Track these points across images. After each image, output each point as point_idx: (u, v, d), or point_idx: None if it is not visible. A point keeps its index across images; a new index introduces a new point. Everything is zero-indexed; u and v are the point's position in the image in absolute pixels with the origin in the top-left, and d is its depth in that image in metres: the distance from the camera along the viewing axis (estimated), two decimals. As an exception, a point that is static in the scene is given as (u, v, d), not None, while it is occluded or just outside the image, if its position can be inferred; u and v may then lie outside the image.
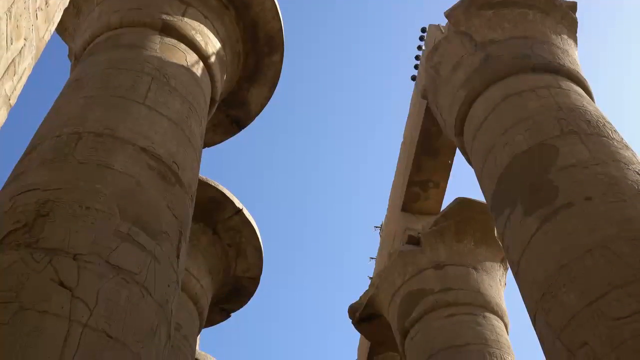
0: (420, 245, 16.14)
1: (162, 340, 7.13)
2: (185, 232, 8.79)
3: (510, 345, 14.36)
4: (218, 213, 14.80)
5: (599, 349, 7.45)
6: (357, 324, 18.06)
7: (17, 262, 6.55)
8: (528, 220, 9.51)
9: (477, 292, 15.02)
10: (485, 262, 15.85)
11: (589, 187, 9.17)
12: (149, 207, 8.04)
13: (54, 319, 6.11)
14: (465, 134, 12.60)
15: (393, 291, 16.14)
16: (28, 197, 7.51)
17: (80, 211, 7.34)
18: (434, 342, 14.27)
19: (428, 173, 17.51)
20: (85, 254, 6.88)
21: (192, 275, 13.90)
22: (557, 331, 8.20)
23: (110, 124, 8.86)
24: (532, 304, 9.04)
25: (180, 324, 12.86)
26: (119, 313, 6.62)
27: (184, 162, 9.36)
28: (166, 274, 7.68)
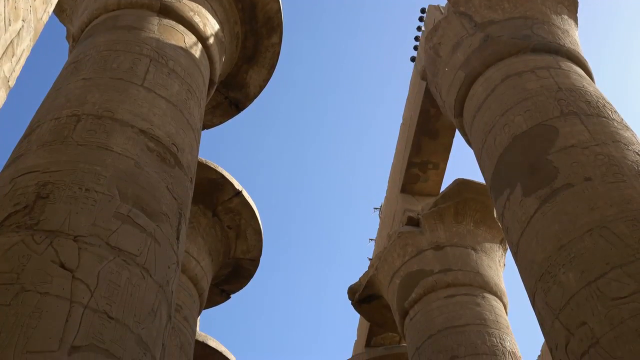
0: (420, 227, 16.18)
1: (162, 321, 7.17)
2: (185, 213, 8.80)
3: (509, 326, 14.45)
4: (218, 195, 14.80)
5: (598, 328, 7.49)
6: (357, 304, 18.15)
7: (18, 244, 6.57)
8: (527, 201, 9.52)
9: (476, 272, 15.09)
10: (484, 243, 15.90)
11: (589, 167, 9.17)
12: (149, 189, 8.04)
13: (55, 300, 6.15)
14: (465, 114, 12.58)
15: (392, 272, 16.20)
16: (28, 180, 7.52)
17: (80, 193, 7.35)
18: (434, 323, 14.35)
19: (427, 154, 17.53)
20: (86, 235, 6.90)
21: (192, 257, 13.93)
22: (556, 311, 8.24)
23: (109, 105, 8.84)
24: (531, 284, 9.07)
25: (180, 305, 12.92)
26: (119, 294, 6.65)
27: (183, 143, 9.35)
28: (166, 255, 7.70)
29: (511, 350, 13.62)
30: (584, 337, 7.63)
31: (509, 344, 13.73)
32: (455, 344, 13.66)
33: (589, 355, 7.47)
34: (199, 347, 15.29)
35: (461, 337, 13.75)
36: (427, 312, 14.72)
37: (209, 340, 16.03)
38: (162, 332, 7.09)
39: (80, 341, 5.97)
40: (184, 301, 13.13)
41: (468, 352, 13.40)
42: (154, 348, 6.78)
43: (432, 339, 14.11)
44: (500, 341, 13.67)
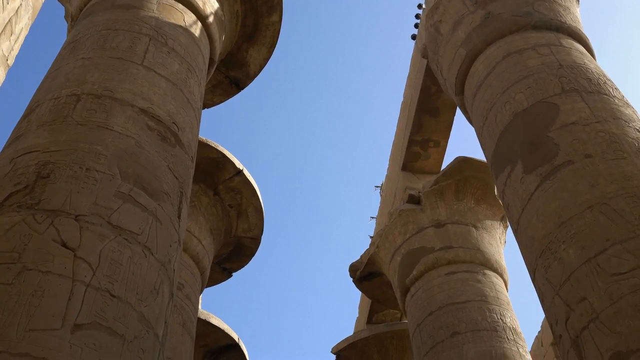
0: (421, 204, 16.21)
1: (165, 299, 7.21)
2: (186, 192, 8.82)
3: (510, 302, 14.53)
4: (218, 174, 14.83)
5: (598, 303, 7.54)
6: (358, 282, 18.25)
7: (20, 224, 6.59)
8: (528, 178, 9.53)
9: (477, 250, 15.14)
10: (485, 221, 15.94)
11: (589, 144, 9.17)
12: (150, 168, 8.05)
13: (57, 279, 6.18)
14: (466, 92, 12.55)
15: (393, 250, 16.26)
16: (28, 159, 7.52)
17: (81, 172, 7.36)
18: (434, 299, 14.43)
19: (428, 132, 17.52)
20: (87, 215, 6.92)
21: (193, 235, 13.99)
22: (557, 287, 8.29)
23: (109, 85, 8.83)
24: (532, 261, 9.11)
25: (182, 283, 13.00)
26: (121, 273, 6.68)
27: (183, 122, 9.34)
28: (168, 233, 7.73)
29: (512, 326, 13.72)
30: (584, 312, 7.68)
31: (510, 320, 13.83)
32: (456, 320, 13.75)
33: (588, 330, 7.53)
34: (201, 325, 15.40)
35: (462, 313, 13.84)
36: (428, 289, 14.80)
37: (211, 318, 16.14)
38: (164, 310, 7.14)
39: (83, 319, 6.02)
40: (186, 279, 13.21)
41: (469, 328, 13.50)
42: (156, 325, 6.84)
43: (433, 316, 14.20)
44: (501, 317, 13.76)
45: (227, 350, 16.71)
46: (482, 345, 13.25)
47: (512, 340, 13.45)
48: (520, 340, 13.66)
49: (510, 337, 13.47)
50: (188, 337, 12.82)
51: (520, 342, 13.61)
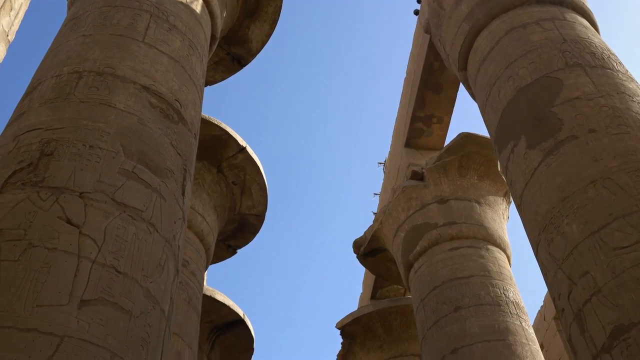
0: (424, 181, 16.23)
1: (170, 275, 7.27)
2: (190, 169, 8.84)
3: (513, 277, 14.61)
4: (222, 151, 14.84)
5: (600, 277, 7.57)
6: (362, 258, 18.33)
7: (24, 201, 6.63)
8: (531, 154, 9.52)
9: (480, 225, 15.18)
10: (488, 196, 15.96)
11: (593, 119, 9.15)
12: (153, 145, 8.07)
13: (63, 255, 6.23)
14: (469, 67, 12.50)
15: (397, 226, 16.31)
16: (31, 137, 7.54)
17: (85, 150, 7.38)
18: (438, 275, 14.51)
19: (431, 108, 17.47)
20: (91, 192, 6.95)
21: (197, 213, 14.04)
22: (559, 261, 8.32)
23: (111, 62, 8.81)
24: (535, 236, 9.14)
25: (187, 260, 13.07)
26: (126, 249, 6.73)
27: (186, 100, 9.34)
28: (172, 210, 7.77)
29: (514, 300, 13.80)
30: (586, 286, 7.72)
31: (512, 295, 13.90)
32: (460, 295, 13.84)
33: (591, 304, 7.57)
34: (206, 301, 15.51)
35: (465, 288, 13.91)
36: (431, 264, 14.87)
37: (216, 295, 16.25)
38: (170, 286, 7.20)
39: (89, 295, 6.08)
40: (190, 256, 13.28)
41: (472, 303, 13.58)
42: (162, 301, 6.90)
43: (436, 291, 14.28)
44: (504, 292, 13.84)
45: (233, 326, 16.85)
46: (485, 319, 13.34)
47: (515, 314, 13.54)
48: (523, 315, 13.75)
49: (513, 312, 13.55)
50: (194, 313, 12.92)
51: (523, 316, 13.70)
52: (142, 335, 6.36)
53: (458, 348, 13.15)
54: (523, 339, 13.07)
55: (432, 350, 13.72)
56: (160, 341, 6.71)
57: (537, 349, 13.21)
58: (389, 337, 18.89)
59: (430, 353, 13.77)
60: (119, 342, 6.03)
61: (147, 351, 6.35)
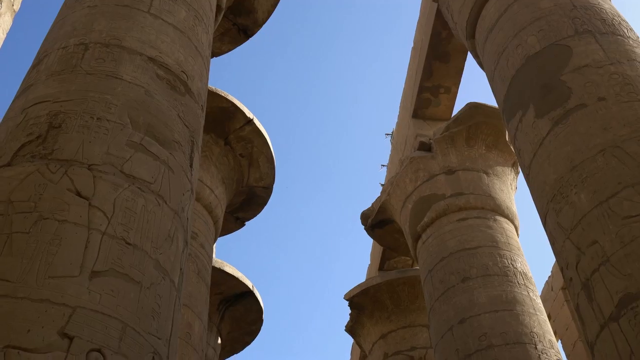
0: (432, 151, 16.18)
1: (179, 247, 7.31)
2: (198, 141, 8.84)
3: (520, 247, 14.62)
4: (229, 123, 14.83)
5: (609, 246, 7.56)
6: (370, 229, 18.36)
7: (34, 174, 6.65)
8: (540, 123, 9.46)
9: (488, 196, 15.16)
10: (496, 167, 15.92)
11: (603, 87, 9.06)
12: (160, 117, 8.06)
13: (73, 227, 6.26)
14: (477, 36, 12.37)
15: (404, 197, 16.31)
16: (39, 109, 7.55)
17: (92, 122, 7.39)
18: (446, 246, 14.53)
19: (439, 78, 17.35)
20: (100, 164, 6.97)
21: (205, 185, 14.08)
22: (567, 231, 8.31)
23: (117, 33, 8.77)
24: (543, 206, 9.12)
25: (196, 232, 13.14)
26: (136, 221, 6.76)
27: (192, 71, 9.30)
28: (180, 182, 7.79)
29: (522, 271, 13.82)
30: (595, 255, 7.71)
31: (520, 265, 13.93)
32: (467, 266, 13.87)
33: (599, 273, 7.58)
34: (215, 273, 15.62)
35: (473, 259, 13.94)
36: (439, 235, 14.89)
37: (225, 267, 16.36)
38: (179, 258, 7.24)
39: (100, 266, 6.12)
40: (199, 229, 13.35)
41: (480, 274, 13.62)
42: (172, 272, 6.94)
43: (444, 262, 14.32)
44: (512, 262, 13.86)
45: (242, 297, 16.98)
46: (493, 290, 13.38)
47: (522, 284, 13.57)
48: (531, 285, 13.78)
49: (521, 282, 13.59)
50: (203, 284, 13.02)
51: (531, 286, 13.74)
52: (153, 306, 6.41)
53: (466, 318, 13.22)
54: (531, 309, 13.12)
55: (440, 320, 13.80)
56: (171, 312, 6.76)
57: (545, 319, 13.27)
58: (397, 308, 19.00)
59: (438, 324, 13.85)
60: (130, 313, 6.09)
61: (158, 321, 6.41)
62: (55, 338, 5.45)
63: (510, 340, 12.46)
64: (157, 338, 6.28)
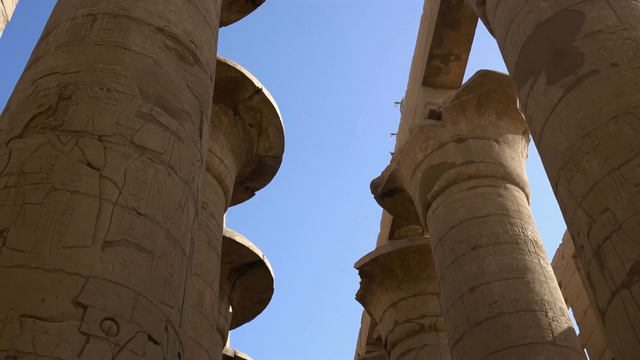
0: (442, 120, 16.09)
1: (190, 217, 7.34)
2: (207, 111, 8.83)
3: (531, 215, 14.59)
4: (238, 93, 14.77)
5: (620, 214, 7.52)
6: (380, 198, 18.36)
7: (45, 145, 6.69)
8: (552, 89, 9.37)
9: (498, 164, 15.10)
10: (507, 135, 15.82)
11: (616, 53, 8.94)
12: (169, 88, 8.05)
13: (85, 198, 6.31)
14: (488, 2, 12.20)
15: (414, 165, 16.27)
16: (49, 81, 7.56)
17: (102, 93, 7.39)
18: (456, 214, 14.52)
19: (449, 45, 17.17)
20: (110, 135, 6.99)
21: (215, 155, 14.08)
22: (579, 198, 8.27)
23: (124, 4, 8.73)
24: (554, 173, 9.07)
25: (206, 202, 13.18)
26: (146, 191, 6.80)
27: (201, 41, 9.25)
28: (190, 152, 7.80)
29: (533, 238, 13.81)
30: (606, 222, 7.68)
31: (531, 233, 13.91)
32: (478, 234, 13.87)
33: (610, 241, 7.55)
34: (226, 243, 15.70)
35: (483, 227, 13.93)
36: (449, 204, 14.87)
37: (235, 236, 16.43)
38: (190, 227, 7.28)
39: (112, 236, 6.17)
40: (209, 198, 13.39)
41: (490, 242, 13.62)
42: (183, 242, 6.99)
43: (454, 230, 14.32)
44: (522, 230, 13.84)
45: (253, 266, 17.08)
46: (503, 257, 13.39)
47: (533, 252, 13.56)
48: (542, 253, 13.77)
49: (531, 250, 13.58)
50: (214, 254, 13.11)
51: (542, 254, 13.73)
52: (165, 275, 6.47)
53: (476, 286, 13.26)
54: (541, 277, 13.14)
55: (450, 288, 13.85)
56: (183, 281, 6.82)
57: (556, 286, 13.28)
58: (407, 277, 19.08)
59: (449, 291, 13.90)
60: (143, 282, 6.14)
61: (170, 290, 6.47)
62: (70, 307, 5.52)
63: (521, 307, 12.50)
64: (169, 307, 6.34)
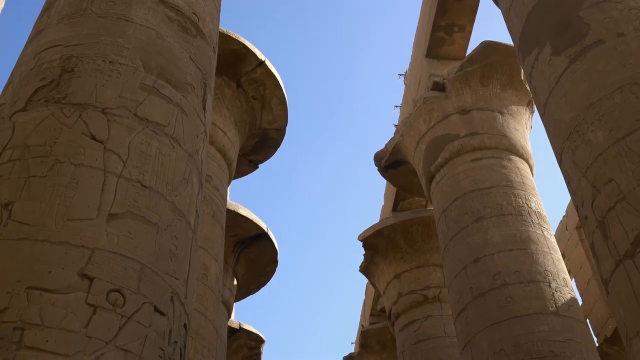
0: (446, 91, 16.01)
1: (194, 189, 7.35)
2: (210, 83, 8.80)
3: (535, 187, 14.59)
4: (241, 66, 14.70)
5: (625, 184, 7.51)
6: (383, 171, 18.36)
7: (49, 118, 6.68)
8: (556, 60, 9.30)
9: (502, 135, 15.06)
10: (511, 106, 15.76)
11: (622, 22, 8.85)
12: (172, 60, 8.01)
13: (89, 170, 6.32)
14: (493, -28, 12.09)
15: (418, 137, 16.24)
16: (51, 54, 7.52)
17: (105, 66, 7.36)
18: (460, 186, 14.52)
19: (453, 16, 17.04)
20: (113, 107, 6.98)
21: (218, 128, 14.06)
22: (583, 169, 8.26)
23: (125, -25, 8.64)
24: (559, 144, 9.04)
25: (210, 175, 13.20)
26: (151, 164, 6.80)
27: (203, 12, 9.18)
28: (194, 125, 7.79)
29: (536, 210, 13.82)
30: (611, 193, 7.67)
31: (535, 205, 13.92)
32: (482, 206, 13.88)
33: (614, 211, 7.55)
34: (230, 216, 15.75)
35: (487, 198, 13.94)
36: (453, 175, 14.87)
37: (239, 209, 16.48)
38: (194, 199, 7.30)
39: (117, 209, 6.19)
40: (213, 171, 13.40)
41: (494, 213, 13.64)
42: (188, 214, 7.01)
43: (458, 202, 14.33)
44: (526, 202, 13.85)
45: (257, 239, 17.15)
46: (507, 229, 13.42)
47: (537, 224, 13.59)
48: (545, 224, 13.80)
49: (535, 221, 13.60)
50: (218, 227, 13.15)
51: (545, 225, 13.76)
52: (170, 247, 6.49)
53: (480, 257, 13.31)
54: (545, 248, 13.18)
55: (454, 260, 13.90)
56: (188, 253, 6.85)
57: (559, 257, 13.33)
58: (410, 248, 19.15)
59: (452, 263, 13.96)
60: (148, 254, 6.17)
61: (176, 262, 6.50)
62: (76, 279, 5.56)
63: (524, 278, 12.56)
64: (175, 278, 6.38)
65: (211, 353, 11.78)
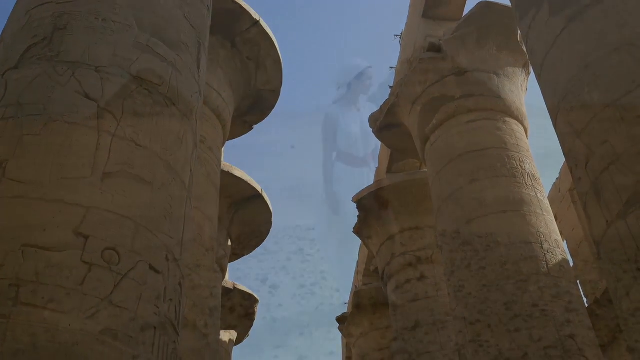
0: (442, 52, 15.89)
1: (189, 148, 7.34)
2: (204, 42, 8.71)
3: (529, 149, 14.60)
4: (235, 26, 14.53)
5: (620, 145, 7.51)
6: (378, 132, 18.32)
7: (41, 76, 6.62)
8: (554, 21, 9.22)
9: (498, 97, 15.00)
10: (507, 68, 15.67)
11: (620, -18, 8.76)
12: (166, 18, 7.92)
13: (83, 129, 6.29)
14: None
15: (413, 99, 16.16)
16: (43, 11, 7.42)
17: (98, 23, 7.27)
18: (454, 148, 14.51)
19: (450, -24, 16.83)
20: (107, 66, 6.91)
21: (213, 89, 13.96)
22: (578, 131, 8.25)
23: None
24: (554, 106, 9.02)
25: (204, 136, 13.14)
26: (145, 123, 6.77)
27: (197, -31, 9.04)
28: (188, 84, 7.73)
29: (530, 172, 13.86)
30: (605, 154, 7.68)
31: (529, 167, 13.95)
32: (476, 168, 13.89)
33: (608, 172, 7.58)
34: (224, 177, 15.73)
35: (481, 160, 13.94)
36: (447, 137, 14.85)
37: (234, 170, 16.47)
38: (189, 159, 7.29)
39: (111, 168, 6.19)
40: (207, 132, 13.35)
41: (488, 175, 13.66)
42: (182, 174, 7.01)
43: (452, 164, 14.34)
44: (520, 164, 13.87)
45: (251, 201, 17.18)
46: (501, 190, 13.46)
47: (530, 185, 13.63)
48: (539, 186, 13.84)
49: (528, 183, 13.65)
50: (213, 187, 13.15)
51: (539, 187, 13.80)
52: (165, 207, 6.51)
53: (473, 219, 13.37)
54: (537, 210, 13.24)
55: (447, 221, 13.97)
56: (182, 212, 6.87)
57: (552, 219, 13.40)
58: (404, 210, 19.22)
59: (445, 224, 14.02)
60: (143, 213, 6.19)
61: (170, 221, 6.52)
62: (71, 237, 5.58)
63: (517, 239, 12.65)
64: (169, 237, 6.41)
65: (205, 312, 11.89)
